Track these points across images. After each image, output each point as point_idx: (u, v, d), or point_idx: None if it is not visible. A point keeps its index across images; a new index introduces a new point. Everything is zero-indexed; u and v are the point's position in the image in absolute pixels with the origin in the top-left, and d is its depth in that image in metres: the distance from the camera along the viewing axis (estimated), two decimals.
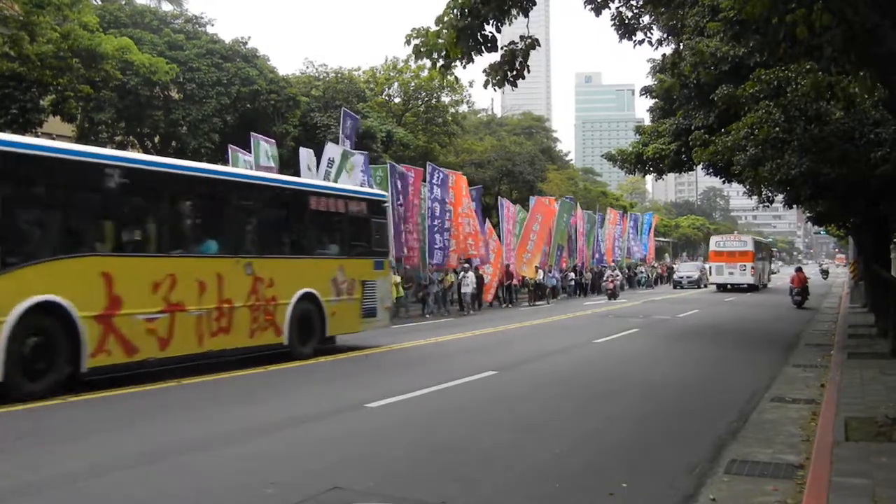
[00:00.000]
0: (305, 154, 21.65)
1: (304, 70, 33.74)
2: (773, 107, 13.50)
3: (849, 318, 21.49)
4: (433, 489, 5.56)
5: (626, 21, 11.45)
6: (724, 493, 5.45)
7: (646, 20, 11.67)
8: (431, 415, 8.51)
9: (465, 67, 8.39)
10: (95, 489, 5.55)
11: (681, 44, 13.74)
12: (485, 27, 8.01)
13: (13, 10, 16.19)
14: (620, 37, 11.57)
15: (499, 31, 8.24)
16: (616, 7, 11.26)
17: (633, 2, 11.45)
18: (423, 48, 8.06)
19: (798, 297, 27.99)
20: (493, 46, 8.19)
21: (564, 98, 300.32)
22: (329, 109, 28.52)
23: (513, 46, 8.55)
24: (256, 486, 5.55)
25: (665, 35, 14.06)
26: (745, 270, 41.87)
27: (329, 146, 21.87)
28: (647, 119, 25.51)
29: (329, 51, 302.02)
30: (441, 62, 8.22)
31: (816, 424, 7.54)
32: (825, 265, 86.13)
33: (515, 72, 8.58)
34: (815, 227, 47.75)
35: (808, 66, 10.94)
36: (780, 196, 21.38)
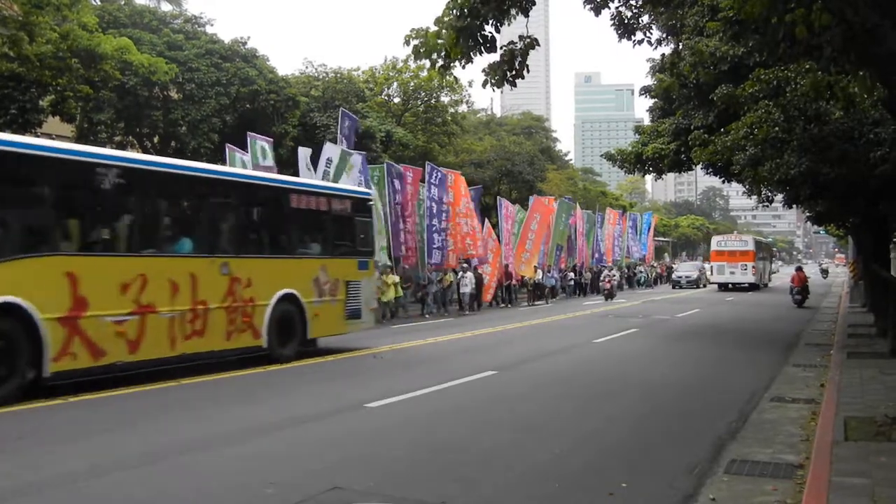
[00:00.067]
0: (304, 153, 21.64)
1: (304, 70, 33.70)
2: (773, 106, 13.51)
3: (848, 318, 21.51)
4: (433, 489, 5.57)
5: (626, 21, 11.47)
6: (724, 493, 5.46)
7: (645, 20, 11.70)
8: (431, 415, 8.52)
9: (465, 68, 8.40)
10: (96, 489, 5.55)
11: (680, 43, 13.77)
12: (484, 27, 8.01)
13: (12, 11, 16.18)
14: (620, 37, 11.59)
15: (498, 32, 8.24)
16: (615, 7, 11.28)
17: (633, 1, 11.47)
18: (423, 49, 8.05)
19: (798, 297, 28.36)
20: (493, 47, 8.18)
21: (564, 98, 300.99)
22: (328, 109, 28.50)
23: (512, 46, 8.54)
24: (256, 486, 5.56)
25: (664, 35, 14.06)
26: (747, 270, 42.19)
27: (327, 146, 21.86)
28: (647, 119, 25.52)
29: (328, 51, 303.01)
30: (440, 63, 8.21)
31: (816, 424, 7.55)
32: (825, 265, 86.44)
33: (515, 71, 8.57)
34: (815, 227, 47.89)
35: (808, 66, 10.94)
36: (780, 196, 21.41)
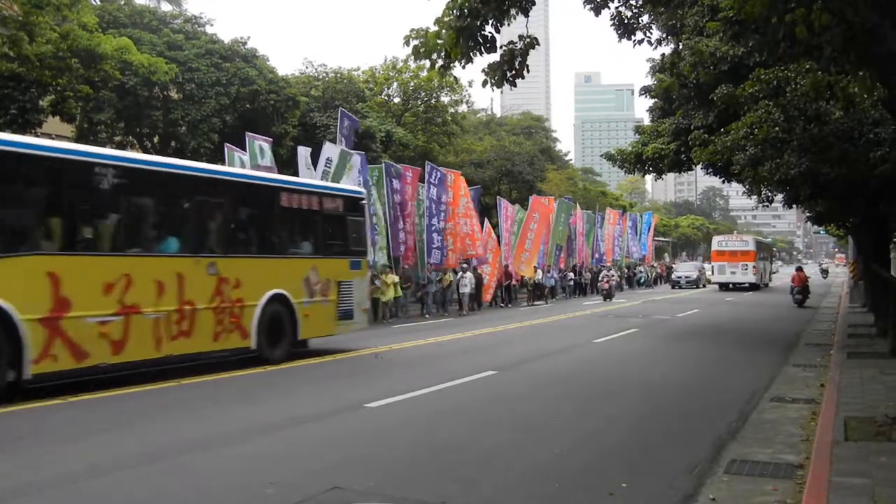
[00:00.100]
0: (304, 153, 21.63)
1: (304, 70, 33.69)
2: (773, 106, 13.51)
3: (848, 318, 21.51)
4: (433, 489, 5.56)
5: (626, 21, 11.47)
6: (724, 493, 5.45)
7: (645, 20, 11.70)
8: (431, 415, 8.51)
9: (465, 68, 8.40)
10: (95, 489, 5.55)
11: (680, 43, 13.78)
12: (484, 27, 8.00)
13: (12, 11, 16.18)
14: (620, 36, 11.59)
15: (498, 32, 8.24)
16: (615, 7, 11.28)
17: (633, 1, 11.47)
18: (423, 49, 8.05)
19: (799, 296, 28.53)
20: (493, 47, 8.18)
21: (564, 98, 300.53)
22: (328, 109, 28.49)
23: (512, 46, 8.54)
24: (256, 486, 5.56)
25: (664, 35, 14.07)
26: (747, 270, 42.43)
27: (327, 146, 21.86)
28: (647, 119, 25.52)
29: (328, 51, 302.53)
30: (440, 63, 8.21)
31: (816, 424, 7.55)
32: (825, 265, 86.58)
33: (515, 71, 8.56)
34: (815, 227, 47.93)
35: (808, 66, 10.95)
36: (780, 196, 21.42)
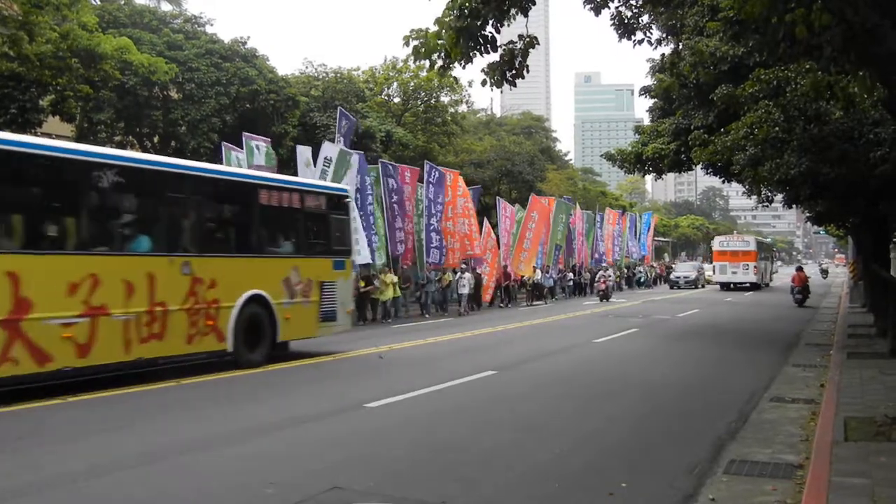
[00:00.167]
0: (303, 152, 21.60)
1: (304, 70, 33.65)
2: (773, 106, 13.51)
3: (848, 318, 21.52)
4: (433, 489, 5.57)
5: (626, 21, 11.47)
6: (724, 493, 5.46)
7: (645, 20, 11.70)
8: (431, 415, 8.52)
9: (465, 68, 8.39)
10: (95, 489, 5.55)
11: (680, 43, 13.77)
12: (484, 28, 8.00)
13: (12, 10, 16.18)
14: (620, 36, 11.59)
15: (498, 32, 8.23)
16: (615, 7, 11.28)
17: (633, 1, 11.47)
18: (423, 49, 8.05)
19: (799, 296, 28.72)
20: (493, 47, 8.18)
21: (564, 98, 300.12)
22: (328, 109, 28.46)
23: (511, 46, 8.54)
24: (256, 486, 5.56)
25: (664, 35, 14.06)
26: (748, 269, 42.75)
27: (326, 145, 21.83)
28: (647, 119, 25.51)
29: (328, 51, 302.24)
30: (440, 63, 8.21)
31: (816, 424, 7.55)
32: (825, 265, 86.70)
33: (514, 71, 8.56)
34: (815, 227, 47.98)
35: (808, 66, 10.94)
36: (780, 196, 21.42)
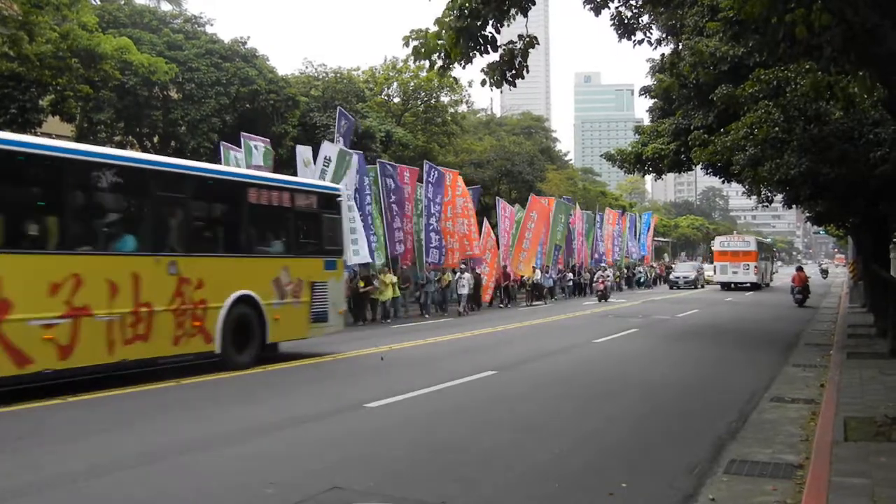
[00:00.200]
0: (302, 152, 21.58)
1: (304, 70, 33.66)
2: (773, 107, 13.51)
3: (848, 318, 21.52)
4: (433, 489, 5.57)
5: (626, 21, 11.47)
6: (724, 493, 5.46)
7: (645, 20, 11.71)
8: (431, 415, 8.52)
9: (465, 68, 8.40)
10: (95, 489, 5.55)
11: (680, 44, 13.78)
12: (484, 28, 8.00)
13: (12, 10, 16.18)
14: (620, 36, 11.59)
15: (498, 32, 8.24)
16: (615, 7, 11.28)
17: (633, 1, 11.48)
18: (423, 49, 8.05)
19: (799, 296, 28.80)
20: (493, 47, 8.18)
21: (564, 98, 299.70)
22: (328, 109, 28.45)
23: (511, 46, 8.54)
24: (256, 486, 5.56)
25: (664, 35, 14.08)
26: (749, 269, 43.05)
27: (325, 145, 21.81)
28: (647, 119, 25.51)
29: (328, 51, 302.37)
30: (440, 63, 8.21)
31: (816, 424, 7.55)
32: (825, 265, 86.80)
33: (514, 71, 8.57)
34: (815, 227, 48.02)
35: (808, 66, 10.95)
36: (780, 196, 21.42)
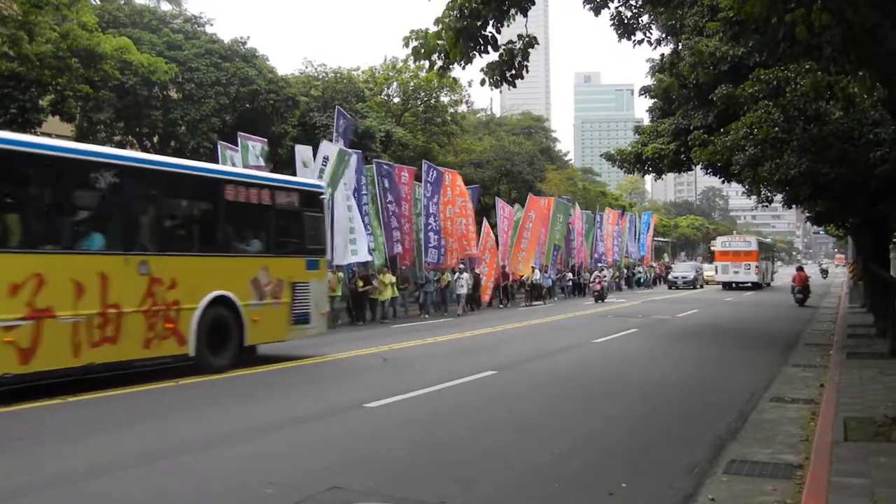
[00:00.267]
0: (301, 152, 21.57)
1: (303, 70, 33.64)
2: (773, 107, 13.51)
3: (848, 318, 21.52)
4: (433, 489, 5.57)
5: (626, 21, 11.45)
6: (724, 493, 5.46)
7: (645, 20, 11.68)
8: (431, 415, 8.52)
9: (465, 68, 8.40)
10: (95, 489, 5.55)
11: (680, 43, 13.76)
12: (485, 28, 8.00)
13: (12, 10, 16.18)
14: (620, 36, 11.58)
15: (499, 32, 8.23)
16: (615, 7, 11.27)
17: (633, 1, 11.46)
18: (423, 49, 8.05)
19: (800, 295, 28.93)
20: (494, 47, 8.18)
21: (563, 98, 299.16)
22: (328, 109, 28.43)
23: (511, 46, 8.54)
24: (256, 486, 5.56)
25: (664, 35, 14.04)
26: (750, 269, 43.46)
27: (324, 144, 21.79)
28: (647, 119, 25.48)
29: (328, 51, 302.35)
30: (440, 63, 8.21)
31: (815, 424, 7.55)
32: (824, 265, 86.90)
33: (514, 71, 8.57)
34: (814, 227, 48.03)
35: (808, 66, 10.94)
36: (780, 196, 21.39)
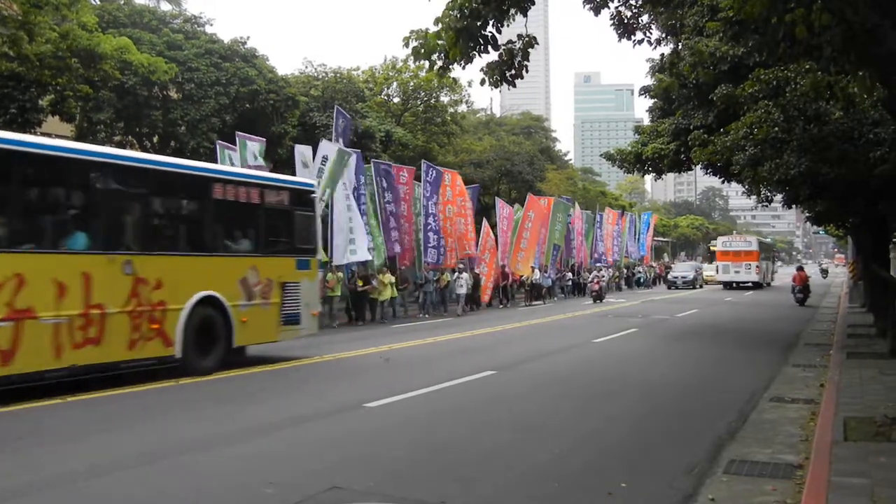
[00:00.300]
0: (300, 151, 21.55)
1: (303, 70, 33.60)
2: (773, 106, 13.51)
3: (848, 318, 21.53)
4: (433, 489, 5.57)
5: (625, 20, 11.45)
6: (724, 493, 5.46)
7: (645, 20, 11.67)
8: (431, 415, 8.52)
9: (465, 68, 8.40)
10: (95, 489, 5.55)
11: (680, 43, 13.76)
12: (485, 28, 8.00)
13: (12, 10, 16.17)
14: (619, 36, 11.57)
15: (499, 32, 8.23)
16: (615, 7, 11.26)
17: (633, 1, 11.45)
18: (423, 49, 8.05)
19: (800, 295, 28.99)
20: (494, 47, 8.18)
21: (563, 98, 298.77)
22: (328, 109, 28.40)
23: (511, 45, 8.54)
24: (256, 486, 5.56)
25: (664, 35, 14.02)
26: (751, 269, 43.80)
27: (323, 144, 21.79)
28: (647, 119, 25.48)
29: (328, 51, 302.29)
30: (440, 63, 8.21)
31: (815, 424, 7.56)
32: (824, 265, 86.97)
33: (514, 71, 8.56)
34: (814, 227, 48.05)
35: (808, 66, 10.95)
36: (779, 196, 21.39)
